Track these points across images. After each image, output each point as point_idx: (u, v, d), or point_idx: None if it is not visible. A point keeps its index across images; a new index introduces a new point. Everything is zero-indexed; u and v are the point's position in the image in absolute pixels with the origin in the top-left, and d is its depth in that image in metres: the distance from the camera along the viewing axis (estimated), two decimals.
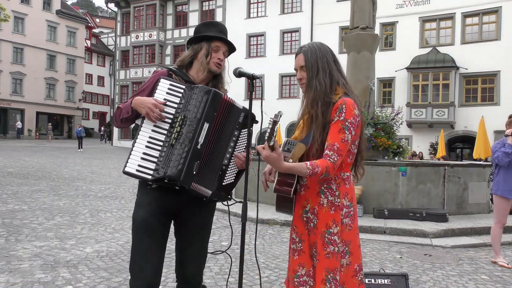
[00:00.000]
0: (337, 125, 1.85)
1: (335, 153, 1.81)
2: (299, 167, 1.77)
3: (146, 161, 1.90)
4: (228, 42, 2.15)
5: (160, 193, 1.99)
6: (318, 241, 1.88)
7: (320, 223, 1.89)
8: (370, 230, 6.16)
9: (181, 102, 1.97)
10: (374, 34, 8.72)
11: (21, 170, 12.35)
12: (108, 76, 46.54)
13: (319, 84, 1.92)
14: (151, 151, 1.92)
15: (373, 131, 8.01)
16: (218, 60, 2.11)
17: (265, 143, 1.72)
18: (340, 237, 1.88)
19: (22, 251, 4.42)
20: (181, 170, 1.85)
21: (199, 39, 2.13)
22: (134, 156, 1.91)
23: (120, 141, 31.92)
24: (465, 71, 21.56)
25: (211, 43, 2.10)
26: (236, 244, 2.31)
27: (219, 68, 2.14)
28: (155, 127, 1.95)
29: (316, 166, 1.76)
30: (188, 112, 1.94)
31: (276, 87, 26.54)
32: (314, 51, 1.96)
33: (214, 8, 29.00)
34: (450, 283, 4.02)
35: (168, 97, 1.97)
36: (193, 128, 1.91)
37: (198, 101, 1.94)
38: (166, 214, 2.06)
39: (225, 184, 2.09)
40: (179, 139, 1.91)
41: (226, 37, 2.15)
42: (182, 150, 1.88)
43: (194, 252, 2.15)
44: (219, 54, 2.12)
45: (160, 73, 2.12)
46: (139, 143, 1.93)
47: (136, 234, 2.02)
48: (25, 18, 35.85)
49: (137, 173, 1.90)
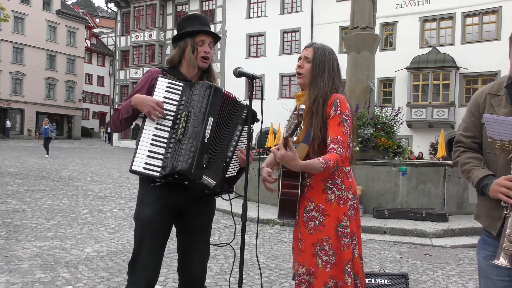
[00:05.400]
0: (336, 119, 1.93)
1: (340, 146, 1.89)
2: (313, 163, 1.81)
3: (152, 158, 1.92)
4: (212, 33, 2.14)
5: (164, 191, 2.00)
6: (332, 237, 1.93)
7: (332, 218, 1.94)
8: (370, 230, 6.16)
9: (182, 99, 1.99)
10: (374, 34, 8.72)
11: (21, 170, 12.35)
12: (108, 76, 46.53)
13: (323, 83, 2.00)
14: (157, 149, 1.93)
15: (373, 131, 8.00)
16: (205, 53, 2.11)
17: (281, 139, 1.73)
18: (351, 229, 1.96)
19: (22, 251, 4.42)
20: (192, 164, 1.87)
21: (182, 36, 2.13)
22: (140, 154, 1.92)
23: (120, 141, 31.92)
24: (465, 71, 21.57)
25: (194, 38, 2.11)
26: (236, 244, 2.31)
27: (205, 63, 2.13)
28: (158, 125, 1.96)
29: (328, 160, 1.82)
30: (192, 107, 1.96)
31: (276, 87, 26.54)
32: (325, 51, 2.06)
33: (214, 8, 29.01)
34: (450, 283, 4.02)
35: (167, 95, 1.99)
36: (199, 123, 1.93)
37: (201, 96, 1.96)
38: (171, 213, 2.07)
39: (228, 176, 2.11)
40: (185, 134, 1.93)
41: (208, 28, 2.15)
42: (190, 145, 1.90)
43: (199, 251, 2.15)
44: (205, 47, 2.12)
45: (154, 72, 2.12)
46: (143, 141, 1.94)
47: (140, 233, 2.02)
48: (25, 18, 35.83)
49: (145, 171, 1.91)
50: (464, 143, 1.79)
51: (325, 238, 1.94)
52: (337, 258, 1.93)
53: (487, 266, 1.68)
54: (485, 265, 1.70)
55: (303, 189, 2.01)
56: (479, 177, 1.66)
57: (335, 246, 1.93)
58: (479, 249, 1.76)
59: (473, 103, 1.79)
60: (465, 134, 1.80)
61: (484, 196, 1.67)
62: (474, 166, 1.71)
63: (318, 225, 1.95)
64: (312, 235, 1.96)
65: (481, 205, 1.74)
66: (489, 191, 1.61)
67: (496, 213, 1.63)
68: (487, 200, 1.67)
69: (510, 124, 1.54)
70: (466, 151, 1.78)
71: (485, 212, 1.71)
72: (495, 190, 1.58)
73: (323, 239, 1.94)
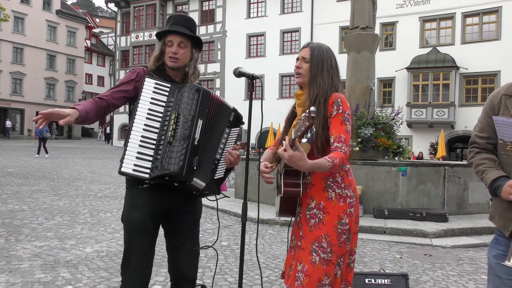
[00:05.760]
0: (338, 117, 1.95)
1: (344, 144, 1.90)
2: (320, 162, 1.81)
3: (141, 160, 1.93)
4: (179, 33, 2.10)
5: (152, 193, 2.01)
6: (331, 234, 1.95)
7: (332, 216, 1.96)
8: (370, 230, 6.16)
9: (170, 101, 2.00)
10: (374, 34, 8.71)
11: (21, 170, 12.35)
12: (108, 76, 46.52)
13: (322, 81, 2.01)
14: (145, 150, 1.94)
15: (373, 131, 7.99)
16: (172, 54, 2.09)
17: (286, 141, 1.72)
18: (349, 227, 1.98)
19: (22, 251, 4.42)
20: (183, 166, 1.89)
21: (159, 38, 2.16)
22: (129, 156, 1.93)
23: (120, 141, 31.93)
24: (465, 71, 21.56)
25: (165, 39, 2.12)
26: (236, 244, 2.32)
27: (174, 63, 2.11)
28: (146, 126, 1.97)
29: (334, 158, 1.83)
30: (181, 110, 1.97)
31: (276, 87, 26.53)
32: (322, 50, 2.07)
33: (214, 8, 29.00)
34: (450, 283, 4.02)
35: (155, 96, 2.00)
36: (189, 125, 1.95)
37: (190, 98, 1.98)
38: (160, 215, 2.09)
39: (216, 178, 2.14)
40: (175, 137, 1.94)
41: (179, 28, 2.10)
42: (181, 147, 1.92)
43: (188, 250, 2.17)
44: (172, 48, 2.10)
45: (139, 70, 2.13)
46: (132, 142, 1.95)
47: (131, 235, 2.04)
48: (25, 18, 35.81)
49: (134, 173, 1.91)
50: (479, 144, 1.79)
51: (324, 236, 1.95)
52: (333, 256, 1.95)
53: (496, 264, 1.69)
54: (495, 263, 1.71)
55: (305, 187, 2.02)
56: (491, 179, 1.66)
57: (333, 244, 1.95)
58: (491, 247, 1.77)
59: (488, 104, 1.78)
60: (480, 135, 1.79)
61: (497, 197, 1.67)
62: (488, 167, 1.70)
63: (318, 223, 1.97)
64: (312, 232, 1.98)
65: (495, 206, 1.75)
66: (501, 192, 1.61)
67: (510, 214, 1.64)
68: (501, 201, 1.67)
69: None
70: (481, 152, 1.78)
71: (499, 213, 1.71)
72: (507, 192, 1.58)
73: (321, 236, 1.95)
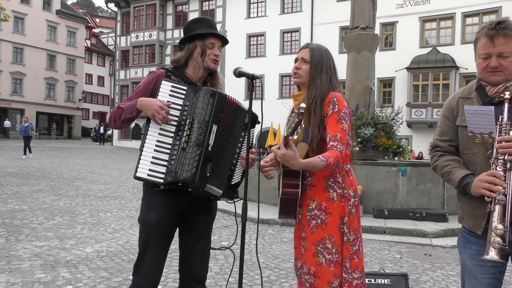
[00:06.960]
0: (334, 116, 1.95)
1: (339, 143, 1.90)
2: (313, 161, 1.81)
3: (156, 165, 1.92)
4: (221, 37, 2.17)
5: (169, 195, 2.01)
6: (335, 235, 1.95)
7: (334, 217, 1.96)
8: (370, 230, 6.17)
9: (186, 104, 1.99)
10: (374, 34, 8.72)
11: (21, 170, 12.35)
12: (108, 76, 46.52)
13: (321, 83, 2.02)
14: (161, 155, 1.94)
15: (373, 131, 7.99)
16: (215, 56, 2.13)
17: (281, 139, 1.74)
18: (348, 227, 1.97)
19: (22, 251, 4.42)
20: (195, 174, 1.89)
21: (191, 38, 2.13)
22: (144, 160, 1.93)
23: (120, 141, 31.92)
24: (465, 71, 21.55)
25: (205, 40, 2.12)
26: (236, 244, 2.32)
27: (216, 64, 2.16)
28: (161, 130, 1.97)
29: (328, 157, 1.83)
30: (195, 115, 1.96)
31: (276, 87, 26.52)
32: (321, 52, 2.08)
33: (214, 8, 28.98)
34: (450, 283, 4.02)
35: (171, 99, 1.99)
36: (203, 131, 1.94)
37: (205, 103, 1.97)
38: (176, 217, 2.10)
39: (233, 183, 2.14)
40: (189, 143, 1.93)
41: (217, 31, 2.18)
42: (194, 154, 1.91)
43: (200, 249, 2.18)
44: (215, 50, 2.13)
45: (158, 74, 2.12)
46: (147, 147, 1.94)
47: (147, 236, 2.04)
48: (25, 18, 35.83)
49: (149, 178, 1.92)
50: (442, 147, 1.83)
51: (328, 237, 1.95)
52: (340, 256, 1.94)
53: (472, 264, 1.72)
54: (470, 264, 1.74)
55: (305, 188, 2.02)
56: (459, 177, 1.69)
57: (338, 244, 1.95)
58: (462, 248, 1.79)
59: (446, 107, 1.85)
60: (441, 139, 1.84)
61: (466, 196, 1.70)
62: (454, 168, 1.74)
63: (320, 224, 1.96)
64: (314, 233, 1.97)
65: (464, 207, 1.78)
66: (471, 188, 1.63)
67: (480, 212, 1.66)
68: (469, 201, 1.71)
69: (490, 114, 1.58)
70: (444, 155, 1.82)
71: (469, 213, 1.74)
72: (477, 187, 1.60)
73: (325, 238, 1.95)
